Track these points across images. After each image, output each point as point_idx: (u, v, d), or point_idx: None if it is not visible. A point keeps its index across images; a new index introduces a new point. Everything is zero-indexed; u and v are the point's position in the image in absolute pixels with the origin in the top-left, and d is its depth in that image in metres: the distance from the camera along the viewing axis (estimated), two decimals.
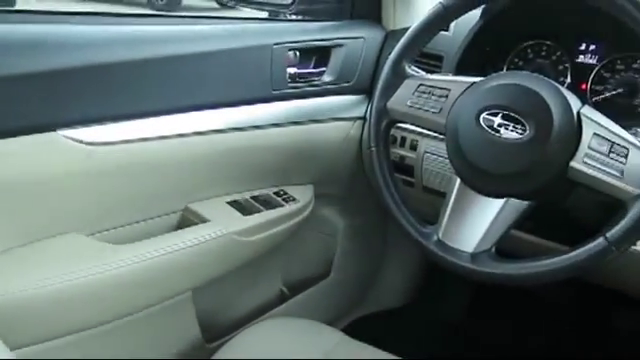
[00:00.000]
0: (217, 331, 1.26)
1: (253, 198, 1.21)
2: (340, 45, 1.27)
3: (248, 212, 1.16)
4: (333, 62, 1.27)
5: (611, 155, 0.79)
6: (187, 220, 1.11)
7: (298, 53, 1.22)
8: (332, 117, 1.29)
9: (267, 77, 1.15)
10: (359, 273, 1.66)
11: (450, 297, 1.78)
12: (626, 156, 0.78)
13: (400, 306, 1.76)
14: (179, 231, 1.07)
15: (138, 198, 1.05)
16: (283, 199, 1.24)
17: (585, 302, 1.65)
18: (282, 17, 1.40)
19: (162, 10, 5.98)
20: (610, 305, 1.61)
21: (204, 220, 1.10)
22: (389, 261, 1.73)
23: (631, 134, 0.82)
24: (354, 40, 1.29)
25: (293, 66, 1.22)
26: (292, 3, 1.31)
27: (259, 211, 1.17)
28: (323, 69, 1.27)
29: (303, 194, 1.28)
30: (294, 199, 1.25)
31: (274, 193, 1.25)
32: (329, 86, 1.27)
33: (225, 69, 1.10)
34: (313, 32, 1.26)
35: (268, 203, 1.21)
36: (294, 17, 1.38)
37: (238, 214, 1.14)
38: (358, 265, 1.63)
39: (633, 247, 0.92)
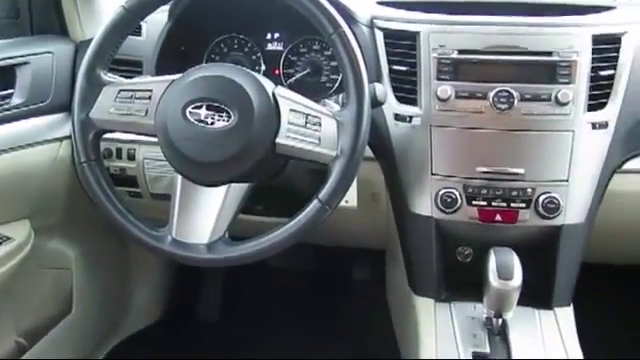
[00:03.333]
0: None
1: None
2: (25, 63, 1.17)
3: None
4: (21, 82, 1.16)
5: (308, 126, 0.87)
6: None
7: None
8: (34, 141, 1.18)
9: None
10: (105, 299, 1.56)
11: (204, 298, 1.80)
12: (320, 124, 0.88)
13: (158, 319, 1.72)
14: None
15: None
16: None
17: (329, 264, 1.82)
18: None
19: None
20: (350, 261, 1.80)
21: None
22: (136, 278, 1.67)
23: (321, 105, 0.92)
24: (41, 56, 1.20)
25: None
26: None
27: None
28: (10, 91, 1.15)
29: (18, 231, 1.16)
30: (8, 238, 1.12)
31: None
32: (22, 108, 1.16)
33: None
34: None
35: None
36: None
37: None
38: (102, 291, 1.54)
39: (344, 204, 1.04)
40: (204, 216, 0.90)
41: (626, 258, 1.37)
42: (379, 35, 1.12)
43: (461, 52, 1.05)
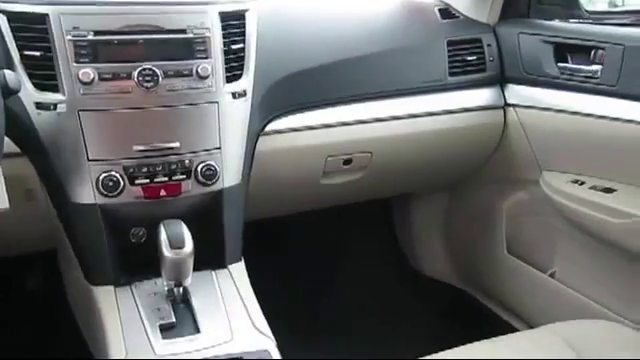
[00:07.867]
0: None
1: None
2: None
3: None
4: None
5: None
6: None
7: None
8: None
9: None
10: None
11: None
12: None
13: None
14: None
15: None
16: None
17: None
18: None
19: None
20: (19, 271, 1.63)
21: None
22: None
23: None
24: None
25: None
26: None
27: None
28: None
29: None
30: None
31: None
32: None
33: None
34: None
35: None
36: None
37: None
38: None
39: None
40: None
41: (286, 209, 1.55)
42: (2, 19, 1.02)
43: (97, 33, 1.03)
